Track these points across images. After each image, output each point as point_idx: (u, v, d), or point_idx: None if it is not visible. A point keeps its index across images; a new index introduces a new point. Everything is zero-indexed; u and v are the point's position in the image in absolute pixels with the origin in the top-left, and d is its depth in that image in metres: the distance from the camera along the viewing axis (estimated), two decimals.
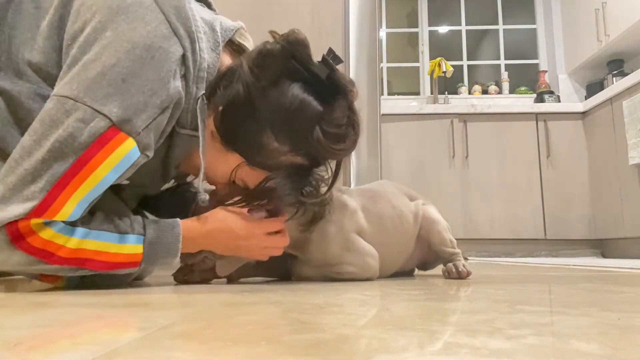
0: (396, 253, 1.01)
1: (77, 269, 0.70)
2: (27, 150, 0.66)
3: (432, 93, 3.95)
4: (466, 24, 4.22)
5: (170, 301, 0.62)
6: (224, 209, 0.81)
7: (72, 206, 0.67)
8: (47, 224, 0.67)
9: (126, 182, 0.80)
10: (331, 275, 0.93)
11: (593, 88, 3.56)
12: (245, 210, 0.82)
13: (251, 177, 0.79)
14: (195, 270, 0.91)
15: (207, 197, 0.81)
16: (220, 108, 0.76)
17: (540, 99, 3.73)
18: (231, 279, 0.96)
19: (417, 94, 4.16)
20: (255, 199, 0.80)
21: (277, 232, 0.85)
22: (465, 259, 1.07)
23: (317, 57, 0.77)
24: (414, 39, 4.26)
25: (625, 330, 0.38)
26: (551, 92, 3.74)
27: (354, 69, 1.55)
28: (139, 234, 0.74)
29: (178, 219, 0.78)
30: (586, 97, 3.60)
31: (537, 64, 4.11)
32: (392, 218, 1.00)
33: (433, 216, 1.06)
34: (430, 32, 4.22)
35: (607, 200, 3.02)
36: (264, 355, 0.29)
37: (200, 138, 0.76)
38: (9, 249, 0.66)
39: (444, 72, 3.72)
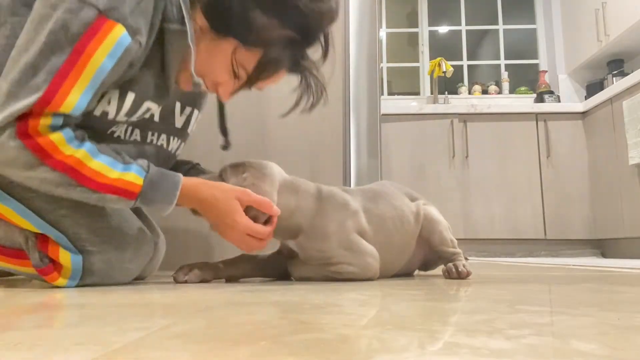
0: (397, 254, 1.01)
1: (77, 184, 0.73)
2: (23, 47, 0.70)
3: (432, 93, 3.95)
4: (466, 24, 4.22)
5: (170, 301, 0.62)
6: (225, 191, 0.84)
7: (76, 97, 0.71)
8: (58, 128, 0.71)
9: (132, 95, 0.80)
10: (331, 275, 0.93)
11: (593, 88, 3.56)
12: (240, 207, 0.84)
13: (249, 58, 0.82)
14: (195, 270, 0.92)
15: (200, 80, 0.83)
16: (204, 1, 0.79)
17: (540, 99, 3.73)
18: (231, 279, 0.96)
19: (417, 94, 4.16)
20: (258, 76, 0.83)
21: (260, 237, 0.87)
22: (466, 258, 1.07)
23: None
24: (414, 39, 4.26)
25: (625, 330, 0.38)
26: (551, 92, 3.74)
27: (354, 69, 1.55)
28: (143, 168, 0.78)
29: (181, 175, 0.82)
30: (586, 97, 3.60)
31: (537, 64, 4.11)
32: (393, 219, 0.99)
33: (434, 216, 1.06)
34: (430, 32, 4.22)
35: (607, 200, 3.02)
36: (264, 355, 0.29)
37: (187, 24, 0.78)
38: (16, 144, 0.69)
39: (444, 72, 3.72)
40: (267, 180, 0.89)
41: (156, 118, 0.90)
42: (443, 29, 4.27)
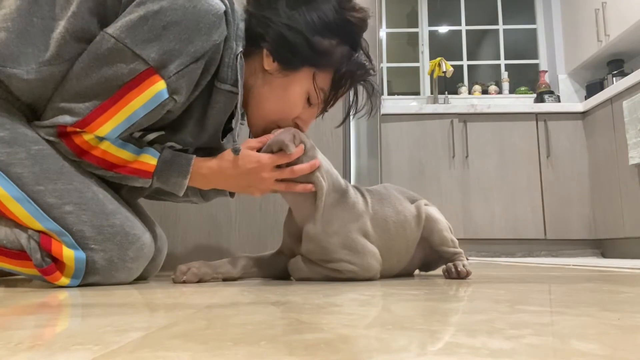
0: (397, 257, 1.01)
1: (106, 170, 0.84)
2: (78, 76, 0.79)
3: (432, 93, 3.95)
4: (466, 24, 4.22)
5: (170, 301, 0.62)
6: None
7: (109, 129, 0.81)
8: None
9: (161, 132, 0.90)
10: (332, 275, 0.93)
11: (593, 88, 3.56)
12: (255, 150, 0.90)
13: (326, 79, 0.92)
14: (193, 270, 0.91)
15: (240, 147, 0.89)
16: (269, 47, 0.88)
17: (540, 99, 3.73)
18: (230, 279, 0.96)
19: (417, 94, 4.17)
20: (336, 93, 0.93)
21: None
22: (466, 258, 1.07)
23: None
24: (414, 39, 4.26)
25: (625, 330, 0.38)
26: (551, 92, 3.74)
27: None
28: (157, 150, 0.87)
29: (194, 155, 0.89)
30: (586, 97, 3.61)
31: (537, 64, 4.11)
32: (396, 223, 0.99)
33: (434, 216, 1.06)
34: (430, 32, 4.22)
35: (607, 200, 3.02)
36: (264, 355, 0.29)
37: (240, 90, 0.86)
38: (56, 140, 0.81)
39: (444, 72, 3.72)
40: (287, 129, 0.91)
41: (190, 151, 0.98)
42: (443, 29, 4.27)
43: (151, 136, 0.92)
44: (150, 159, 0.86)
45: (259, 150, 0.91)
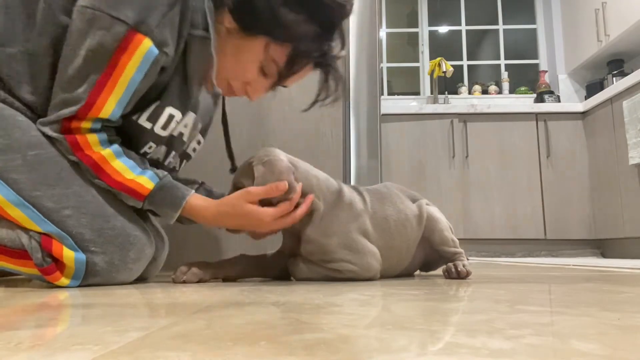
0: (398, 257, 1.01)
1: (96, 177, 0.83)
2: (68, 59, 0.79)
3: (432, 93, 3.95)
4: (466, 24, 4.22)
5: (170, 301, 0.61)
6: (232, 203, 0.88)
7: (112, 105, 0.80)
8: (96, 130, 0.82)
9: (157, 103, 0.87)
10: (332, 275, 0.93)
11: (593, 88, 3.56)
12: (254, 206, 0.87)
13: (280, 53, 0.88)
14: (193, 270, 0.91)
15: (220, 91, 0.89)
16: (232, 5, 0.85)
17: (540, 99, 3.73)
18: (230, 279, 0.96)
19: (417, 94, 4.17)
20: (290, 69, 0.89)
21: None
22: (466, 258, 1.06)
23: None
24: (414, 39, 4.26)
25: (625, 330, 0.38)
26: (551, 92, 3.75)
27: (354, 69, 1.55)
28: (157, 175, 0.86)
29: (193, 191, 0.89)
30: (586, 97, 3.61)
31: (537, 64, 4.11)
32: (397, 222, 0.99)
33: (435, 216, 1.05)
34: (430, 32, 4.22)
35: (607, 200, 3.02)
36: (264, 355, 0.29)
37: (211, 32, 0.85)
38: (58, 136, 0.81)
39: (444, 72, 3.72)
40: (275, 167, 0.89)
41: (185, 138, 0.96)
42: (443, 29, 4.27)
43: (146, 114, 0.88)
44: (147, 182, 0.85)
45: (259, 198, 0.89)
